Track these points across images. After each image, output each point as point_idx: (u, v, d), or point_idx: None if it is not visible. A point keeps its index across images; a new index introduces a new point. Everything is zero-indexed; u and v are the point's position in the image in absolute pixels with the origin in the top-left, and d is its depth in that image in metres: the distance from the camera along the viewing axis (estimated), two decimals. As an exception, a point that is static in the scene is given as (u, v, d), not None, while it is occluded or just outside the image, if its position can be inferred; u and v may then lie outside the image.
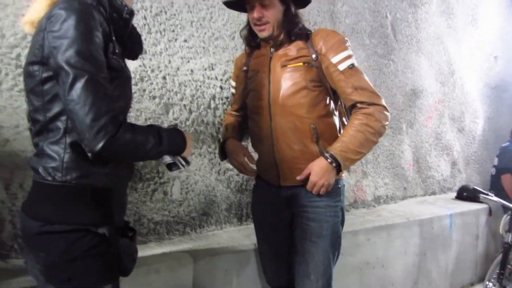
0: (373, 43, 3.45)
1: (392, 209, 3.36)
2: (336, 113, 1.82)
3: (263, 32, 1.72)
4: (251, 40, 1.84)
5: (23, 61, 1.64)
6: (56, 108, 1.12)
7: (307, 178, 1.70)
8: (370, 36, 3.42)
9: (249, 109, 1.89)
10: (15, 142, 1.68)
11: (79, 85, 1.03)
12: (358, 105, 1.68)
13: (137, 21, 2.02)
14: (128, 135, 1.09)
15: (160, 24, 2.14)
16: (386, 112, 1.70)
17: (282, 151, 1.74)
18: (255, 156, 1.95)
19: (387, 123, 1.70)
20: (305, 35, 1.75)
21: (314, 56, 1.71)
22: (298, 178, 1.71)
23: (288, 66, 1.72)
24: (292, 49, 1.75)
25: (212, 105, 2.32)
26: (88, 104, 1.03)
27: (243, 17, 2.47)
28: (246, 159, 1.86)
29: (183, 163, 1.30)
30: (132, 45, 1.32)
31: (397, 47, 3.67)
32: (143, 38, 2.06)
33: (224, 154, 1.93)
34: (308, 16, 2.82)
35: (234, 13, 2.43)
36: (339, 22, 3.14)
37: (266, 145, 1.78)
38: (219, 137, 2.33)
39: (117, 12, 1.19)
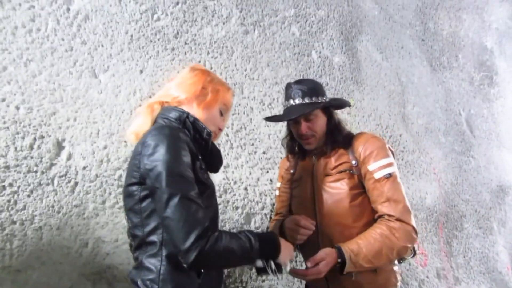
0: (450, 141, 3.41)
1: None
2: None
3: (310, 146, 1.72)
4: (297, 151, 1.82)
5: (123, 181, 1.84)
6: (152, 223, 1.21)
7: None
8: (446, 134, 3.40)
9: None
10: (114, 256, 1.82)
11: (173, 203, 1.13)
12: (386, 217, 1.59)
13: (220, 138, 2.22)
14: (219, 245, 1.14)
15: (241, 139, 2.33)
16: (413, 235, 1.57)
17: None
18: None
19: (410, 245, 1.57)
20: (348, 141, 1.70)
21: (354, 162, 1.66)
22: (309, 265, 1.52)
23: (331, 174, 1.68)
24: (334, 157, 1.71)
25: (292, 213, 2.37)
26: (182, 220, 1.11)
27: (317, 127, 2.62)
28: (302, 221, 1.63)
29: (274, 268, 1.27)
30: (213, 160, 1.43)
31: (475, 143, 3.59)
32: (225, 153, 2.25)
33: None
34: (380, 120, 2.90)
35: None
36: (412, 123, 3.18)
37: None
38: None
39: (199, 133, 1.33)
